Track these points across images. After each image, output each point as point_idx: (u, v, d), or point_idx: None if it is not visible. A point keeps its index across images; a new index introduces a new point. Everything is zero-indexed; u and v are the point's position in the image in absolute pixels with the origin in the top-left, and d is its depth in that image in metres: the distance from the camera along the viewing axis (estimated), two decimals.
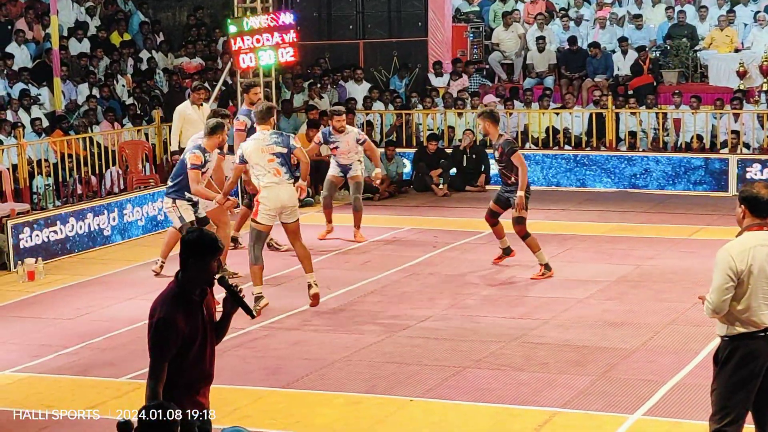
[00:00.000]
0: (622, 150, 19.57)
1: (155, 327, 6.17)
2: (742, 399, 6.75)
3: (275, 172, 11.58)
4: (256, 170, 11.66)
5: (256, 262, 11.69)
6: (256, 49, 18.00)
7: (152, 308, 6.25)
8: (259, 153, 11.60)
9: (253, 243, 11.69)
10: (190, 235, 6.26)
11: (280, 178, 11.59)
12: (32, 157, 16.70)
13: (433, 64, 22.33)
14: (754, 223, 6.78)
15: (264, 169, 11.58)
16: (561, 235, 15.58)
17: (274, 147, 11.63)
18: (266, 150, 11.60)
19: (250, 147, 11.68)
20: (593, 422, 8.56)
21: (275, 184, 11.58)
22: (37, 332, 11.67)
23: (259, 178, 11.61)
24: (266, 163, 11.57)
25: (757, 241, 6.72)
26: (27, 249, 14.55)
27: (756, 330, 6.69)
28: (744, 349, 6.71)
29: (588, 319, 11.40)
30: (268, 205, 11.57)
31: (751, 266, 6.65)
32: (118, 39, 22.14)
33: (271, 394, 9.42)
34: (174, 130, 16.62)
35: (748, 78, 20.31)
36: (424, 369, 9.93)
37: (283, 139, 11.75)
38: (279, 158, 11.60)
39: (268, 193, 11.56)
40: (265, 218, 11.64)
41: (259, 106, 12.18)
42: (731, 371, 6.73)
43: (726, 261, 6.68)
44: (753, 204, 6.78)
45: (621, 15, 22.88)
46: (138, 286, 13.37)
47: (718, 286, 6.67)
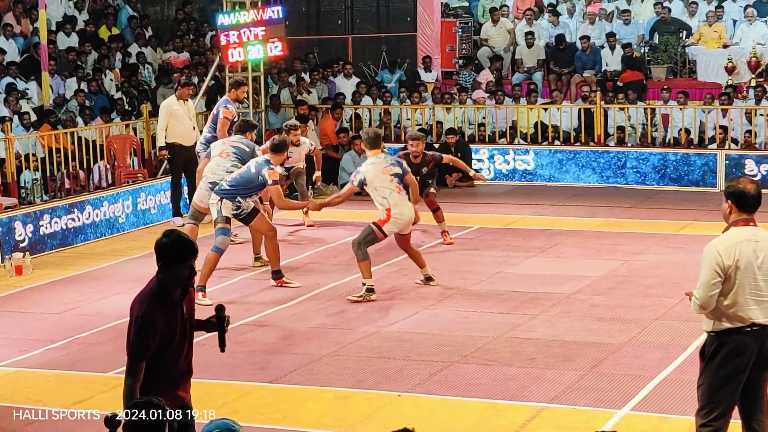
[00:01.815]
0: (610, 145, 19.59)
1: (135, 325, 6.14)
2: (729, 394, 6.77)
3: (398, 191, 12.32)
4: (380, 192, 12.31)
5: (364, 258, 12.20)
6: (245, 44, 17.98)
7: (132, 306, 6.23)
8: (381, 175, 12.29)
9: (364, 243, 12.22)
10: (162, 239, 6.23)
11: (402, 195, 12.36)
12: (20, 151, 16.66)
13: (423, 59, 22.34)
14: (741, 219, 6.79)
15: (389, 189, 12.27)
16: (549, 231, 15.60)
17: (392, 168, 12.39)
18: (387, 171, 12.33)
19: (371, 171, 12.31)
20: (581, 417, 8.57)
21: (401, 201, 12.30)
22: (25, 327, 11.65)
23: (386, 197, 12.26)
24: (389, 184, 12.28)
25: (744, 236, 6.72)
26: (14, 243, 14.51)
27: (742, 325, 6.70)
28: (730, 345, 6.72)
29: (576, 315, 11.41)
30: (401, 219, 12.26)
31: (737, 261, 6.66)
32: (107, 33, 22.10)
33: (259, 389, 9.41)
34: (160, 125, 16.60)
35: (737, 74, 20.35)
36: (412, 364, 9.94)
37: (396, 162, 12.56)
38: (397, 178, 12.35)
39: (400, 209, 12.23)
40: (390, 228, 12.28)
41: (369, 132, 12.86)
42: (718, 366, 6.75)
43: (713, 256, 6.69)
44: (740, 199, 6.79)
45: (610, 10, 22.90)
46: (125, 281, 13.34)
47: (705, 282, 6.68)
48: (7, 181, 16.27)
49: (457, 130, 19.78)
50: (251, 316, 11.57)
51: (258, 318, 11.57)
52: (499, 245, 14.79)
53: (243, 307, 11.91)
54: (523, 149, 19.70)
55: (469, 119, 20.40)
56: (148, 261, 14.07)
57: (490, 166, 19.78)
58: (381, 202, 12.35)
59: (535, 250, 14.36)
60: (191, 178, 15.77)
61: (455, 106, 20.51)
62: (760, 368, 6.79)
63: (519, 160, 19.67)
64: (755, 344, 6.72)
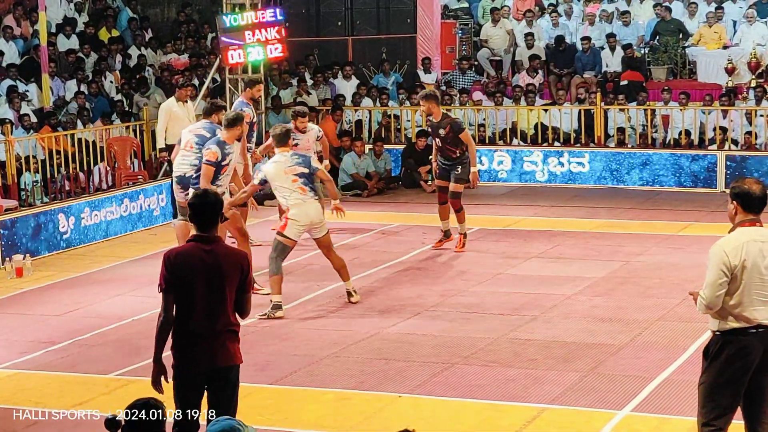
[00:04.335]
0: (610, 146, 19.57)
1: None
2: (731, 394, 6.76)
3: (300, 191, 11.84)
4: (280, 192, 11.94)
5: (277, 272, 11.85)
6: (245, 46, 17.99)
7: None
8: (282, 175, 11.86)
9: (276, 255, 11.85)
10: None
11: (305, 196, 11.83)
12: (20, 153, 16.66)
13: (422, 60, 22.34)
14: (747, 219, 6.79)
15: (289, 190, 11.84)
16: (549, 232, 15.60)
17: (296, 168, 11.88)
18: (289, 171, 11.87)
19: (271, 170, 11.94)
20: (581, 418, 8.57)
21: (302, 201, 11.82)
22: (25, 329, 11.65)
23: (286, 198, 11.89)
24: (290, 184, 11.84)
25: (750, 237, 6.72)
26: (15, 245, 14.51)
27: (748, 326, 6.69)
28: (735, 345, 6.71)
29: (576, 316, 11.41)
30: (299, 221, 11.80)
31: (744, 261, 6.66)
32: (107, 35, 22.08)
33: (260, 390, 9.41)
34: (160, 127, 16.59)
35: (737, 75, 20.35)
36: (413, 365, 9.94)
37: (304, 160, 12.04)
38: (302, 178, 11.86)
39: (298, 210, 11.80)
40: (292, 232, 11.85)
41: (277, 129, 12.37)
42: (721, 366, 6.74)
43: (719, 256, 6.69)
44: (745, 200, 6.79)
45: (610, 11, 22.90)
46: (126, 283, 13.35)
47: (712, 282, 6.68)
48: (8, 183, 16.27)
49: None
50: (252, 317, 11.55)
51: (258, 319, 11.55)
52: (499, 246, 14.79)
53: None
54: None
55: (469, 120, 20.39)
56: (148, 263, 14.15)
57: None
58: (282, 203, 12.15)
59: (535, 252, 14.36)
60: None
61: (455, 107, 20.50)
62: (764, 372, 6.77)
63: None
64: (760, 346, 6.71)
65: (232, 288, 6.86)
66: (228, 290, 6.84)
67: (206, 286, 6.79)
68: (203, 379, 6.87)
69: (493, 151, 19.85)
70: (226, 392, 6.92)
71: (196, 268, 6.79)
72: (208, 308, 6.81)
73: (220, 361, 6.84)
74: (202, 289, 6.79)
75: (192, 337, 6.81)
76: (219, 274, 6.81)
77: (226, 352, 6.86)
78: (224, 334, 6.86)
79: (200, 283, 6.79)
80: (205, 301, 6.79)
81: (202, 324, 6.80)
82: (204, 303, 6.79)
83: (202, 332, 6.80)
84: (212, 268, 6.80)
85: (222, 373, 6.87)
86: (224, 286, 6.82)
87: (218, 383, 6.88)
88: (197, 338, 6.81)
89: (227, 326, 6.87)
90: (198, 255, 6.83)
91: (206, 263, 6.81)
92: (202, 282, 6.79)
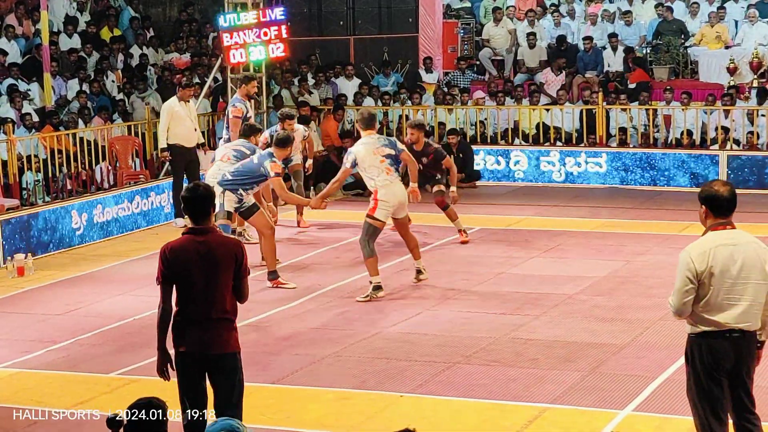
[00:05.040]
0: (612, 146, 19.57)
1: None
2: (716, 394, 6.64)
3: (387, 172, 12.19)
4: (369, 172, 12.26)
5: (371, 255, 12.18)
6: (247, 45, 18.00)
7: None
8: (372, 155, 12.19)
9: (368, 238, 12.17)
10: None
11: (391, 176, 12.24)
12: (22, 152, 16.66)
13: (424, 60, 22.33)
14: (717, 223, 6.67)
15: (378, 169, 12.17)
16: (551, 231, 15.60)
17: (383, 149, 12.27)
18: (377, 152, 12.23)
19: (362, 151, 12.26)
20: (583, 418, 8.57)
21: (389, 182, 12.17)
22: (27, 328, 11.65)
23: (374, 178, 12.22)
24: (379, 164, 12.18)
25: (720, 241, 6.61)
26: (16, 244, 14.51)
27: (718, 329, 6.59)
28: (707, 348, 6.61)
29: (578, 315, 11.40)
30: (389, 201, 12.15)
31: (711, 267, 6.54)
32: (108, 34, 22.08)
33: (261, 389, 9.40)
34: (162, 127, 16.60)
35: (738, 74, 20.35)
36: (414, 365, 9.93)
37: (390, 142, 12.51)
38: (389, 159, 12.24)
39: (386, 190, 12.17)
40: (382, 214, 12.17)
41: (364, 112, 12.78)
42: (698, 369, 6.65)
43: (685, 262, 6.60)
44: (712, 203, 6.69)
45: (612, 11, 22.90)
46: (127, 282, 13.35)
47: (678, 288, 6.60)
48: (9, 183, 16.27)
49: (459, 130, 19.74)
50: (253, 316, 11.55)
51: (260, 319, 11.56)
52: (501, 246, 14.78)
53: (244, 308, 11.83)
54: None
55: (470, 120, 20.38)
56: (149, 262, 14.13)
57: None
58: (369, 184, 12.39)
59: (537, 251, 14.36)
60: (193, 179, 15.77)
61: (457, 107, 20.50)
62: (737, 387, 6.66)
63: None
64: (731, 352, 6.60)
65: (228, 276, 7.05)
66: (223, 279, 7.02)
67: (202, 276, 6.97)
68: (201, 367, 7.05)
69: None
70: (224, 379, 7.09)
71: (191, 260, 6.98)
72: (205, 298, 6.99)
73: (214, 349, 7.03)
74: (199, 279, 6.97)
75: (189, 324, 7.01)
76: (214, 263, 6.99)
77: (220, 339, 7.05)
78: (220, 322, 7.06)
79: (196, 273, 6.97)
80: (202, 290, 6.98)
81: (199, 312, 6.99)
82: (200, 293, 6.98)
83: (198, 320, 7.00)
84: (207, 258, 6.99)
85: (219, 362, 7.05)
86: (219, 275, 7.00)
87: (216, 371, 7.07)
88: (193, 325, 7.00)
89: (223, 314, 7.06)
90: (192, 247, 7.01)
91: (201, 254, 6.99)
92: (198, 273, 6.97)
